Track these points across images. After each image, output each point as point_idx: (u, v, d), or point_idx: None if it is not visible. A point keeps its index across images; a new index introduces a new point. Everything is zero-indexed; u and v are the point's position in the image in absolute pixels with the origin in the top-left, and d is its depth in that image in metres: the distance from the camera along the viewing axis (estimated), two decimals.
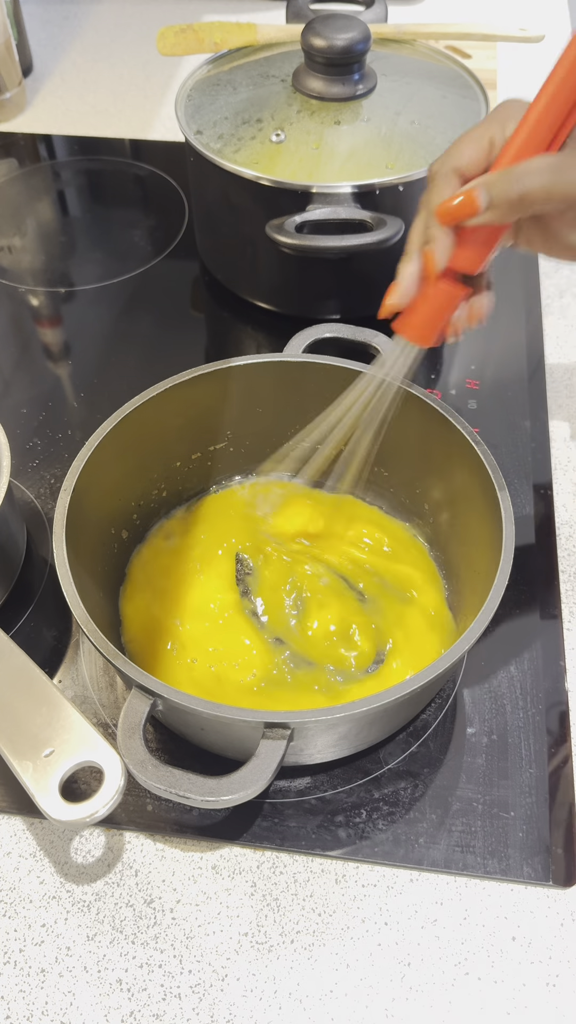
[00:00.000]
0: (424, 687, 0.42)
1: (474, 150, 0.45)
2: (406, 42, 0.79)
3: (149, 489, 0.59)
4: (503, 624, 0.58)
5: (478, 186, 0.43)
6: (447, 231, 0.45)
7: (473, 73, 0.76)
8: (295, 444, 0.58)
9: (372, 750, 0.52)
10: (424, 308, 0.47)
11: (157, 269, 0.84)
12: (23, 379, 0.75)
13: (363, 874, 0.49)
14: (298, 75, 0.72)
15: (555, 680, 0.55)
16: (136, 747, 0.42)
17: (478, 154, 0.45)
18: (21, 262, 0.86)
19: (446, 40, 0.83)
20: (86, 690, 0.55)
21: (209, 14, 1.17)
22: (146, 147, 0.99)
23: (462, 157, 0.45)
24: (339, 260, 0.70)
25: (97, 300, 0.82)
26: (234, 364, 0.57)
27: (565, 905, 0.47)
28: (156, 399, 0.55)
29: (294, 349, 0.59)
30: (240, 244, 0.75)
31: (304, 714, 0.41)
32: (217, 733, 0.48)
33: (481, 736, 0.53)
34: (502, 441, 0.68)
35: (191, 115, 0.73)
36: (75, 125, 1.02)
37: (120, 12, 1.22)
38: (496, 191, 0.43)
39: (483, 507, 0.51)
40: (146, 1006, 0.44)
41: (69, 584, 0.46)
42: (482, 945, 0.46)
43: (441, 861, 0.48)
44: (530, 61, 1.09)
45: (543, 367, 0.74)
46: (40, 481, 0.67)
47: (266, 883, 0.48)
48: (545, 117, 0.42)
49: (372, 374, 0.51)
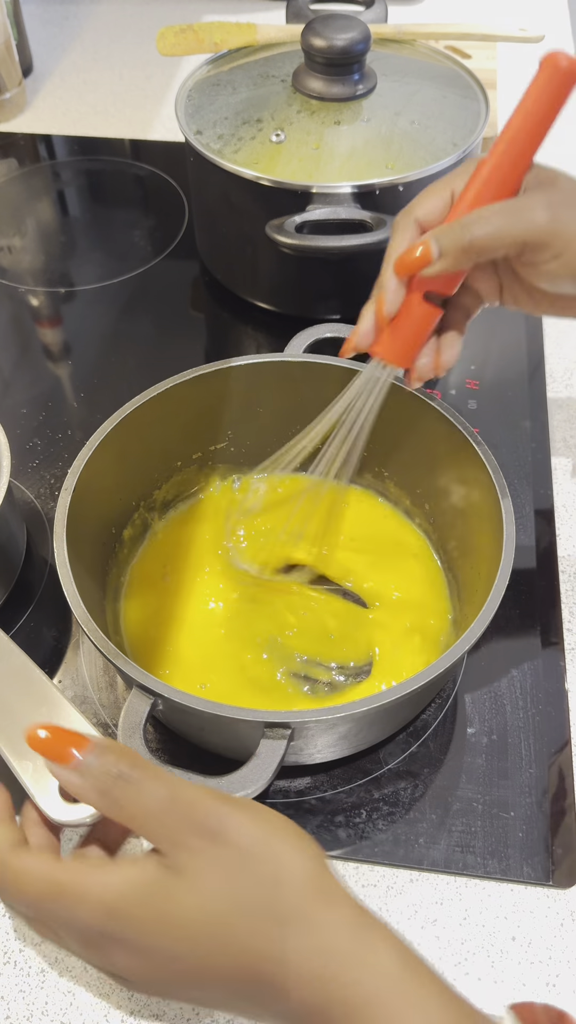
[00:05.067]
0: (424, 687, 0.42)
1: (434, 201, 0.46)
2: (406, 42, 0.79)
3: (149, 489, 0.59)
4: (503, 624, 0.58)
5: (429, 237, 0.44)
6: (399, 280, 0.46)
7: (473, 73, 0.76)
8: (290, 449, 0.58)
9: (372, 750, 0.52)
10: (399, 329, 0.47)
11: (157, 269, 0.84)
12: (23, 379, 0.75)
13: (363, 874, 0.49)
14: (298, 75, 0.72)
15: (555, 680, 0.55)
16: (136, 747, 0.42)
17: (438, 205, 0.46)
18: (21, 262, 0.86)
19: (446, 40, 0.83)
20: (86, 690, 0.55)
21: (209, 14, 1.16)
22: (146, 147, 0.99)
23: (423, 208, 0.46)
24: (339, 260, 0.70)
25: (97, 300, 0.82)
26: (234, 364, 0.57)
27: (565, 905, 0.47)
28: (156, 399, 0.55)
29: (294, 349, 0.59)
30: (240, 244, 0.75)
31: (304, 714, 0.41)
32: (217, 733, 0.48)
33: (481, 736, 0.53)
34: (502, 441, 0.68)
35: (191, 115, 0.73)
36: (75, 125, 1.02)
37: (120, 12, 1.22)
38: (447, 240, 0.43)
39: (484, 507, 0.51)
40: (146, 1006, 0.44)
41: (69, 584, 0.46)
42: (482, 945, 0.46)
43: (441, 861, 0.48)
44: (530, 61, 1.09)
45: (543, 367, 0.74)
46: (40, 481, 0.67)
47: None
48: (498, 167, 0.44)
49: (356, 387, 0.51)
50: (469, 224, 0.43)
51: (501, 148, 0.44)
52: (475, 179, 0.44)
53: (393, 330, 0.47)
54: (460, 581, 0.56)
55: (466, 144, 0.69)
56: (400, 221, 0.47)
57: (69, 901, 0.31)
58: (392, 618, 0.56)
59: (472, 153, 0.71)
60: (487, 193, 0.44)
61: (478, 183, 0.44)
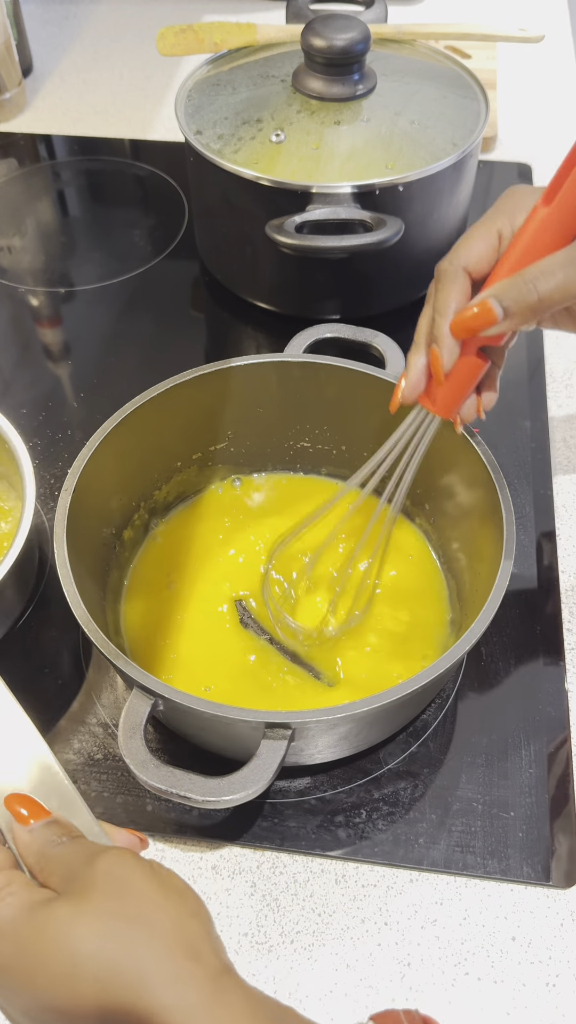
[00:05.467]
0: (424, 687, 0.42)
1: (482, 246, 0.44)
2: (406, 42, 0.79)
3: (149, 489, 0.59)
4: (503, 624, 0.58)
5: (490, 297, 0.41)
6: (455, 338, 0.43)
7: (473, 73, 0.76)
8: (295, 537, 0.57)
9: (372, 750, 0.52)
10: (449, 381, 0.45)
11: (157, 269, 0.84)
12: (23, 379, 0.75)
13: (363, 874, 0.49)
14: (298, 75, 0.72)
15: (555, 680, 0.55)
16: (137, 747, 0.42)
17: (486, 250, 0.44)
18: (21, 262, 0.86)
19: (446, 40, 0.83)
20: (87, 690, 0.55)
21: (209, 14, 1.16)
22: (146, 147, 0.99)
23: (471, 254, 0.44)
24: (339, 260, 0.70)
25: (97, 300, 0.82)
26: (234, 364, 0.57)
27: (565, 905, 0.47)
28: (156, 399, 0.55)
29: (294, 349, 0.59)
30: (240, 244, 0.75)
31: (305, 714, 0.42)
32: (218, 733, 0.48)
33: (481, 736, 0.53)
34: (502, 441, 0.68)
35: (191, 115, 0.73)
36: (75, 125, 1.02)
37: (120, 12, 1.22)
38: (511, 300, 0.41)
39: (484, 508, 0.51)
40: None
41: (70, 584, 0.46)
42: (482, 945, 0.46)
43: (441, 861, 0.48)
44: (530, 61, 1.09)
45: (543, 367, 0.74)
46: (40, 481, 0.67)
47: (266, 883, 0.48)
48: (559, 212, 0.41)
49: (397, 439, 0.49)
50: (533, 280, 0.41)
51: (563, 193, 0.40)
52: (530, 224, 0.42)
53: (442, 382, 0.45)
54: (460, 581, 0.56)
55: (466, 144, 0.69)
56: (447, 270, 0.44)
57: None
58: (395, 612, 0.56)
59: (472, 153, 0.71)
60: (545, 239, 0.41)
61: (534, 228, 0.41)
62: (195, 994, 0.30)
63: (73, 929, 0.31)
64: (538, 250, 0.42)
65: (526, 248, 0.42)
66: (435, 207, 0.71)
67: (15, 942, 0.31)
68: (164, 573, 0.58)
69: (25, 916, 0.32)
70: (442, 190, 0.70)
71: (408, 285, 0.77)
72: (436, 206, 0.71)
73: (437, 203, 0.71)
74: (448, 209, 0.73)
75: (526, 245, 0.42)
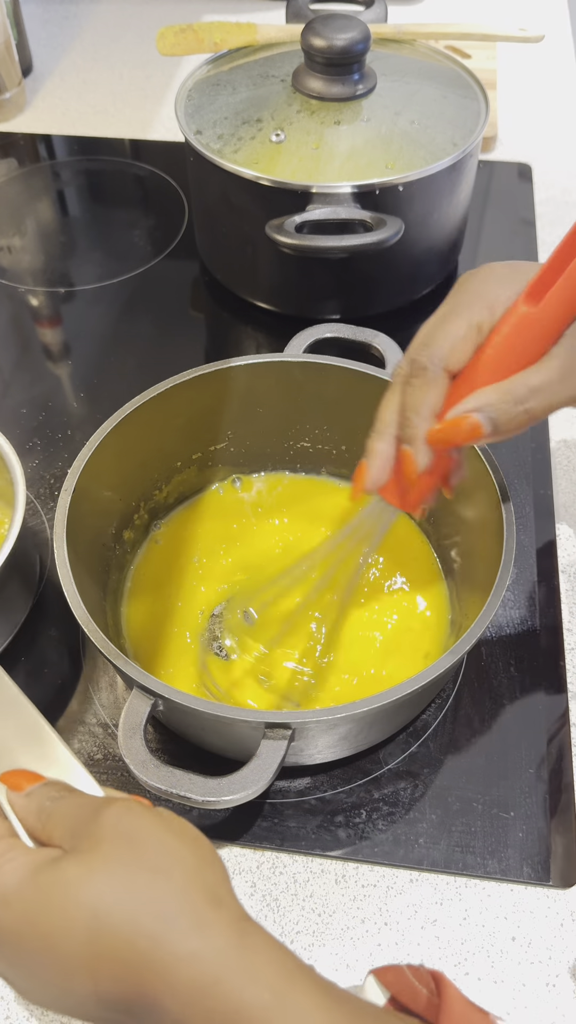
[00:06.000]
0: (424, 688, 0.42)
1: (461, 342, 0.41)
2: (406, 42, 0.79)
3: (150, 489, 0.59)
4: (503, 625, 0.58)
5: (478, 411, 0.40)
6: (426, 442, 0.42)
7: (473, 73, 0.76)
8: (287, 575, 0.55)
9: (372, 750, 0.52)
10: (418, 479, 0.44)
11: (157, 269, 0.84)
12: (23, 379, 0.75)
13: (363, 874, 0.49)
14: (298, 75, 0.72)
15: (555, 681, 0.55)
16: (137, 747, 0.42)
17: (466, 347, 0.41)
18: (21, 262, 0.86)
19: (446, 40, 0.83)
20: (87, 690, 0.55)
21: (209, 14, 1.16)
22: (146, 147, 0.99)
23: (451, 350, 0.42)
24: (339, 260, 0.70)
25: (97, 300, 0.82)
26: (234, 364, 0.57)
27: (565, 905, 0.47)
28: (156, 399, 0.55)
29: (294, 349, 0.59)
30: (240, 244, 0.75)
31: (305, 714, 0.42)
32: (218, 733, 0.48)
33: (481, 736, 0.53)
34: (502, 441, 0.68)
35: (191, 115, 0.73)
36: (75, 125, 1.02)
37: (120, 12, 1.22)
38: (500, 415, 0.40)
39: (484, 507, 0.51)
40: None
41: (70, 584, 0.46)
42: (482, 945, 0.46)
43: (441, 861, 0.48)
44: (530, 61, 1.09)
45: None
46: (40, 481, 0.67)
47: (266, 883, 0.48)
48: (544, 316, 0.39)
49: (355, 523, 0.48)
50: (524, 399, 0.40)
51: (551, 296, 0.39)
52: (511, 320, 0.40)
53: (413, 483, 0.44)
54: (460, 581, 0.56)
55: (466, 144, 0.69)
56: (426, 367, 0.42)
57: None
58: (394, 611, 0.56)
59: (472, 153, 0.71)
60: (527, 339, 0.40)
61: (515, 326, 0.40)
62: (221, 939, 0.30)
63: (88, 884, 0.30)
64: (520, 352, 0.40)
65: (507, 348, 0.40)
66: (435, 207, 0.71)
67: (22, 908, 0.30)
68: (164, 572, 0.58)
69: (30, 879, 0.31)
70: (442, 190, 0.70)
71: (408, 285, 0.77)
72: (436, 206, 0.71)
73: (437, 203, 0.71)
74: (448, 209, 0.73)
75: (507, 345, 0.40)
